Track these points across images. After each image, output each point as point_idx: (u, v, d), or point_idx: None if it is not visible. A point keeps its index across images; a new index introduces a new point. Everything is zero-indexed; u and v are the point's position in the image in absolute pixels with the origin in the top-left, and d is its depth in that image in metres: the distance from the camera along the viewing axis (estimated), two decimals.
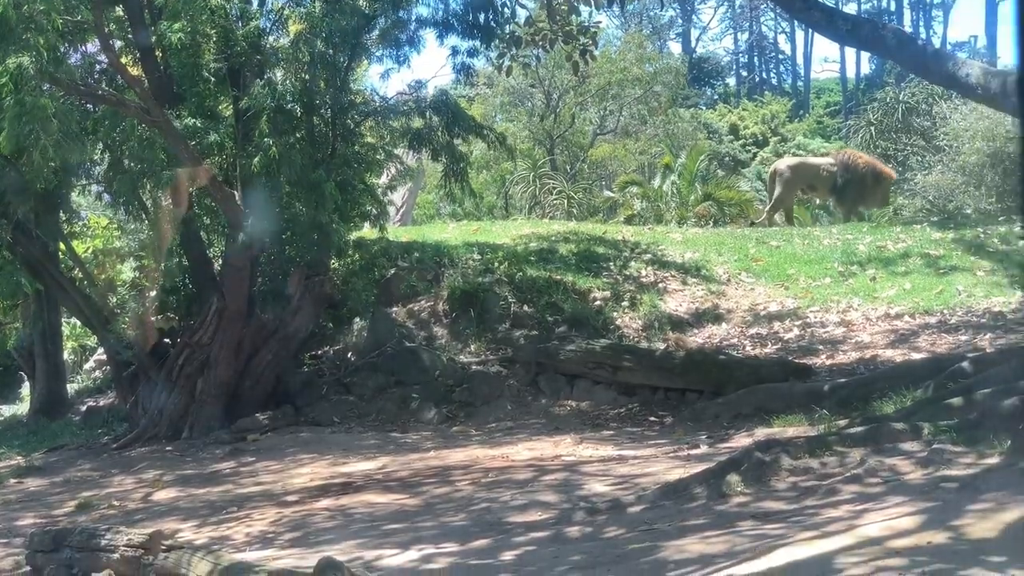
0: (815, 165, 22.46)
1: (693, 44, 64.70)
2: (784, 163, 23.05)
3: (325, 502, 9.12)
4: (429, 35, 14.99)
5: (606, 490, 8.41)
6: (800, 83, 67.42)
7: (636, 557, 6.10)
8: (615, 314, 15.01)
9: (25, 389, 18.54)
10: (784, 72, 71.38)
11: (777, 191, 22.00)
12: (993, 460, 6.79)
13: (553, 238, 18.10)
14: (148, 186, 13.94)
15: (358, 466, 10.60)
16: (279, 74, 13.92)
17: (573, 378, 13.22)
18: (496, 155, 27.58)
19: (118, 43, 13.54)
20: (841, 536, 5.70)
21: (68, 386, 17.43)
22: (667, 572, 5.68)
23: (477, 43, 15.10)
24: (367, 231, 16.55)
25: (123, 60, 13.33)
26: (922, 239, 17.56)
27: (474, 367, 13.77)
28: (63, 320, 17.41)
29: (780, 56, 70.93)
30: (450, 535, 7.45)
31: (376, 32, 14.63)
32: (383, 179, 16.73)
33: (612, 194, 29.37)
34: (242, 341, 13.62)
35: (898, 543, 5.39)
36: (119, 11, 13.73)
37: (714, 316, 15.13)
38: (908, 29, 54.52)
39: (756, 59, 70.39)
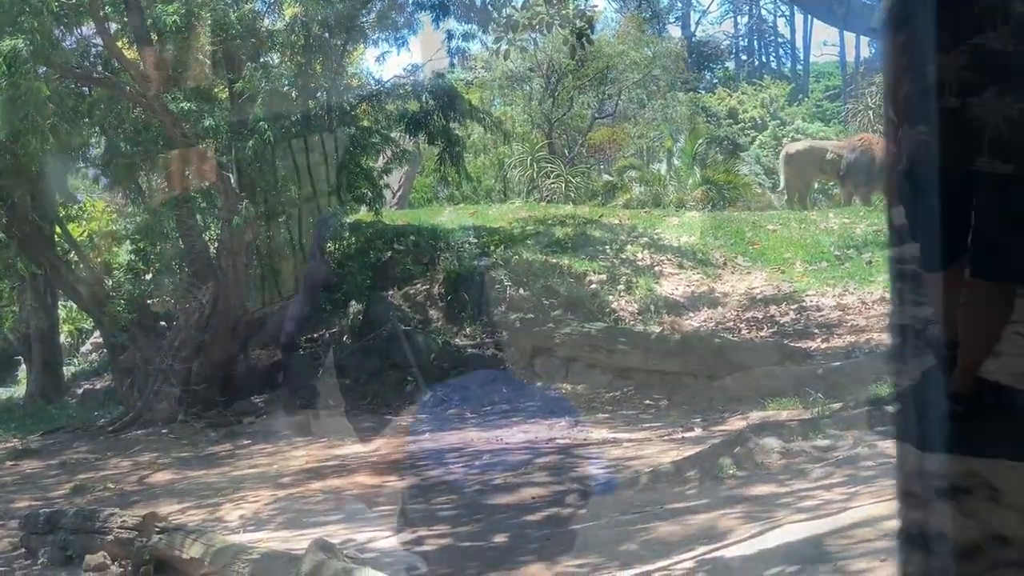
0: (822, 148, 22.73)
1: (692, 28, 64.42)
2: (794, 147, 23.64)
3: (319, 484, 9.15)
4: (426, 18, 14.93)
5: (600, 473, 8.43)
6: (799, 67, 67.16)
7: (629, 539, 6.11)
8: (611, 297, 15.00)
9: (21, 372, 18.54)
10: (784, 56, 71.06)
11: (789, 174, 22.37)
12: None
13: (550, 221, 18.04)
14: (144, 169, 13.93)
15: (352, 449, 10.63)
16: (275, 57, 13.89)
17: (568, 361, 13.19)
18: (493, 139, 27.52)
19: (113, 26, 13.48)
20: (833, 518, 5.72)
21: (64, 369, 17.42)
22: (659, 554, 5.70)
23: (474, 27, 15.06)
24: (363, 214, 16.52)
25: (118, 43, 13.29)
26: None
27: (469, 350, 13.76)
28: (60, 303, 17.40)
29: (780, 40, 70.68)
30: (443, 517, 7.47)
31: (373, 15, 14.58)
32: (379, 162, 16.69)
33: (610, 178, 29.28)
34: (237, 324, 13.62)
35: (890, 525, 5.40)
36: None
37: (710, 300, 15.12)
38: None
39: (756, 43, 70.14)
